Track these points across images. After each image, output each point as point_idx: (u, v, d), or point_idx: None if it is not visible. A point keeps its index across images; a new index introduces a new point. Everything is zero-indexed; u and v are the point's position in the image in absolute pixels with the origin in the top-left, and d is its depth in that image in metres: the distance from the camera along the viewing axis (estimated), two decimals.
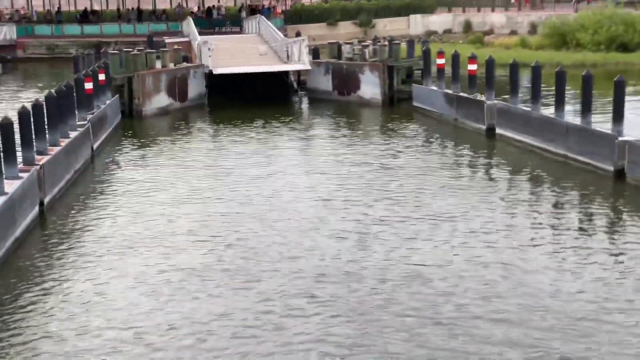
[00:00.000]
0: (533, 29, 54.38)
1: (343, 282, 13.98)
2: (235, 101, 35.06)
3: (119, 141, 27.51)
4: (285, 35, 41.98)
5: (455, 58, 28.38)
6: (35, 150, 19.64)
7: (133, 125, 30.52)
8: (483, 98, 26.71)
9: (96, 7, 61.63)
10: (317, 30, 58.20)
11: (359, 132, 28.53)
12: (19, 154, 18.52)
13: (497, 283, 13.70)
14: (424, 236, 16.43)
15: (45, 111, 20.60)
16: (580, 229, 16.62)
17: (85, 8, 59.78)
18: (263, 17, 46.96)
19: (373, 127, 29.73)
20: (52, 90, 21.75)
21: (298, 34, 49.35)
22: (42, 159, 19.29)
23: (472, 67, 27.37)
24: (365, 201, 19.17)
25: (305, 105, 34.99)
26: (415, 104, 31.55)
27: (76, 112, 23.95)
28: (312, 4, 65.38)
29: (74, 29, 56.39)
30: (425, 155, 24.20)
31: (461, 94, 28.06)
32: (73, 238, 16.93)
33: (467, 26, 57.16)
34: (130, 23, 56.89)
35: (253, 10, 56.98)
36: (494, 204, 18.55)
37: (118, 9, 60.72)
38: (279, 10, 59.90)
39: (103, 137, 26.46)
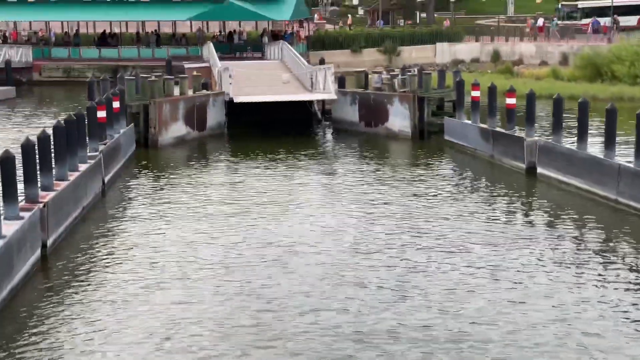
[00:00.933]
0: (564, 59, 52.60)
1: (383, 343, 12.23)
2: (256, 131, 33.40)
3: (132, 173, 25.88)
4: (308, 62, 40.50)
5: (492, 90, 26.61)
6: (40, 185, 18.01)
7: (148, 155, 28.89)
8: (522, 134, 24.91)
9: (116, 30, 60.47)
10: (340, 57, 56.67)
11: (388, 167, 26.76)
12: (21, 190, 16.90)
13: (559, 346, 11.85)
14: (466, 288, 14.73)
15: (52, 143, 19.06)
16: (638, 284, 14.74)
17: (104, 31, 58.57)
18: (286, 42, 45.45)
19: (402, 162, 27.97)
20: (61, 120, 20.15)
21: (322, 61, 47.82)
22: (47, 196, 17.63)
23: (511, 100, 25.59)
24: (396, 246, 17.50)
25: (329, 136, 33.27)
26: (446, 137, 29.77)
27: (87, 142, 22.35)
28: (336, 30, 63.88)
29: (91, 52, 55.13)
30: (459, 196, 22.42)
31: (498, 129, 26.25)
32: (77, 285, 15.25)
33: (496, 55, 55.46)
34: (149, 47, 55.59)
35: (275, 36, 55.56)
36: (538, 254, 16.77)
37: (137, 33, 59.48)
38: (302, 35, 58.43)
39: (116, 168, 24.83)
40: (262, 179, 24.90)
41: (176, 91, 31.87)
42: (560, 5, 70.86)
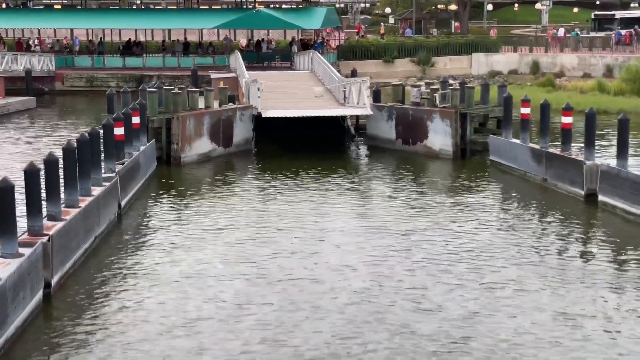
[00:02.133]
0: (609, 72, 50.06)
1: None
2: (285, 147, 31.35)
3: (152, 194, 23.87)
4: (338, 72, 38.42)
5: (545, 108, 24.31)
6: (46, 214, 16.05)
7: (170, 174, 26.89)
8: (580, 156, 22.60)
9: (141, 38, 58.80)
10: (372, 68, 54.47)
11: (427, 189, 24.59)
12: (22, 222, 14.94)
13: None
14: (531, 338, 12.83)
15: (62, 165, 17.12)
16: None
17: (129, 39, 56.81)
18: (317, 52, 43.36)
19: (443, 184, 25.75)
20: (73, 140, 18.16)
21: (354, 72, 45.65)
22: (53, 227, 15.64)
23: (567, 119, 23.30)
24: (438, 282, 15.69)
25: (363, 154, 31.06)
26: (492, 158, 27.48)
27: (102, 163, 20.37)
28: (368, 40, 61.62)
29: (115, 60, 53.33)
30: (508, 223, 20.31)
31: (552, 149, 23.93)
32: (84, 333, 13.24)
33: (535, 67, 52.97)
34: (174, 55, 53.75)
35: (305, 45, 53.51)
36: (600, 296, 14.63)
37: (163, 41, 57.72)
38: (333, 45, 56.28)
39: (134, 190, 22.84)
40: (291, 202, 22.95)
41: (201, 103, 29.88)
42: (593, 16, 68.16)
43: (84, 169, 18.31)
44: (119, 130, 22.02)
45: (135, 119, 24.35)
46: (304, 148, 30.97)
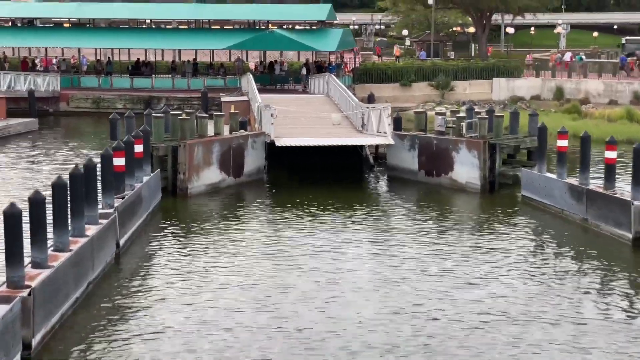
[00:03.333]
0: (636, 98, 47.94)
1: None
2: (299, 176, 29.38)
3: (155, 230, 21.83)
4: (354, 95, 36.47)
5: (585, 141, 22.23)
6: (30, 262, 14.07)
7: (176, 206, 24.89)
8: (627, 195, 20.48)
9: (151, 58, 57.15)
10: (389, 91, 52.56)
11: (453, 226, 22.57)
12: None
13: None
14: None
15: (52, 204, 15.16)
16: None
17: (138, 59, 55.13)
18: (332, 76, 41.43)
19: (470, 220, 23.66)
20: (64, 175, 16.18)
21: (372, 97, 43.90)
22: (37, 277, 13.63)
23: (612, 154, 21.22)
24: (467, 339, 13.69)
25: (383, 186, 29.00)
26: (524, 193, 25.37)
27: (99, 198, 18.36)
28: (384, 62, 59.78)
29: (123, 81, 51.56)
30: (545, 268, 18.35)
31: (593, 187, 21.81)
32: None
33: (559, 93, 50.86)
34: (184, 77, 51.96)
35: (319, 67, 51.65)
36: None
37: (173, 61, 55.98)
38: (349, 67, 54.38)
39: (135, 226, 20.83)
40: (305, 240, 21.03)
41: (210, 129, 27.92)
42: (624, 41, 66.12)
43: (77, 207, 16.33)
44: (119, 161, 20.03)
45: (138, 148, 22.37)
46: (319, 178, 29.00)
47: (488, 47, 72.30)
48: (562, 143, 23.30)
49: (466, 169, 26.83)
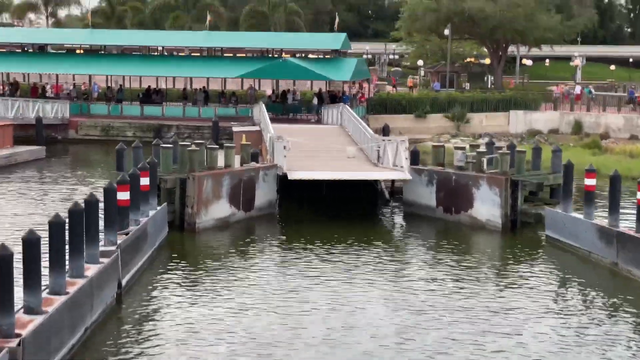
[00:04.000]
0: None
1: None
2: (311, 210, 28.33)
3: (161, 268, 20.73)
4: (368, 126, 35.45)
5: (616, 180, 21.07)
6: (23, 306, 13.00)
7: (183, 242, 23.83)
8: None
9: (162, 85, 56.45)
10: (403, 122, 51.55)
11: (473, 267, 21.43)
12: None
13: None
14: None
15: (49, 243, 14.14)
16: None
17: (149, 86, 54.39)
18: (346, 106, 40.46)
19: (491, 261, 22.51)
20: (62, 214, 15.12)
21: (386, 128, 42.88)
22: (29, 323, 12.54)
23: None
24: None
25: (399, 222, 27.85)
26: (548, 233, 24.17)
27: (101, 235, 17.30)
28: (399, 93, 58.85)
29: (133, 109, 50.73)
30: (574, 316, 17.09)
31: (624, 229, 20.60)
32: None
33: (577, 127, 49.75)
34: (195, 105, 51.12)
35: (333, 97, 50.72)
36: None
37: (184, 89, 55.24)
38: (364, 97, 53.43)
39: (140, 263, 19.74)
40: (318, 279, 20.02)
41: (220, 159, 26.89)
42: None
43: (76, 245, 15.28)
44: (123, 195, 18.99)
45: (144, 180, 21.34)
46: (332, 212, 27.93)
47: (510, 79, 71.37)
48: (590, 182, 22.13)
49: (487, 206, 25.68)
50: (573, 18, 67.56)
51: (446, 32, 60.91)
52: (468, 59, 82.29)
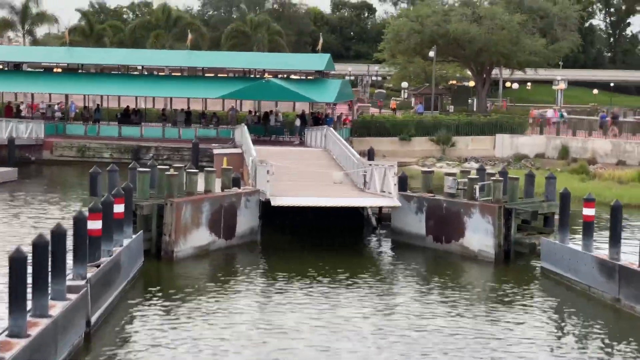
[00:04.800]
0: None
1: None
2: (295, 238, 27.16)
3: (135, 301, 19.36)
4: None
5: (616, 211, 20.01)
6: None
7: (160, 272, 22.51)
8: None
9: (142, 105, 55.06)
10: (387, 145, 50.55)
11: (464, 300, 20.38)
12: None
13: None
14: None
15: (9, 281, 12.83)
16: None
17: (127, 106, 53.03)
18: (331, 129, 39.35)
19: (484, 294, 21.38)
20: (23, 249, 13.77)
21: (372, 152, 41.78)
22: None
23: None
24: None
25: (387, 251, 26.66)
26: (543, 264, 23.07)
27: (68, 270, 15.96)
28: (384, 115, 57.89)
29: (110, 129, 49.30)
30: (571, 357, 15.86)
31: (626, 263, 19.51)
32: None
33: (564, 151, 48.88)
34: (175, 126, 49.79)
35: (316, 119, 49.62)
36: None
37: (164, 109, 53.94)
38: (349, 119, 52.33)
39: (111, 298, 18.36)
40: (301, 312, 18.92)
41: (200, 183, 25.61)
42: None
43: (40, 282, 13.95)
44: (95, 224, 17.64)
45: (119, 207, 20.01)
46: (317, 240, 26.79)
47: (503, 101, 70.65)
48: (589, 212, 21.06)
49: (479, 235, 24.56)
50: (557, 42, 66.93)
51: (431, 54, 60.09)
52: (451, 82, 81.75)
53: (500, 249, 24.19)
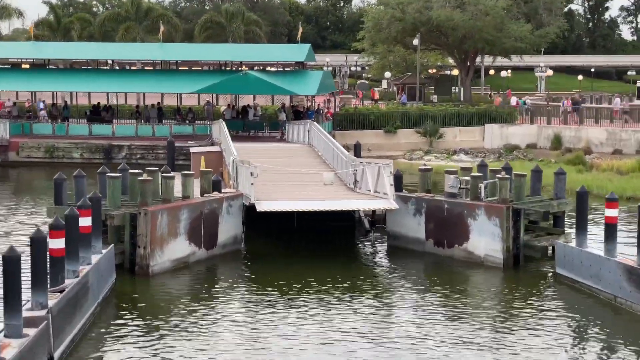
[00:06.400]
0: None
1: None
2: (281, 244, 24.97)
3: (105, 327, 17.03)
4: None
5: None
6: None
7: (134, 289, 20.18)
8: None
9: (113, 101, 52.37)
10: (372, 138, 48.30)
11: (470, 312, 18.44)
12: None
13: None
14: None
15: None
16: None
17: (98, 103, 50.29)
18: (315, 123, 37.02)
19: (492, 305, 19.32)
20: None
21: (358, 147, 39.49)
22: None
23: None
24: None
25: (383, 257, 24.43)
26: (559, 270, 20.97)
27: (26, 299, 13.60)
28: (367, 107, 55.58)
29: (80, 128, 46.50)
30: None
31: None
32: None
33: (557, 141, 46.85)
34: (149, 123, 47.18)
35: (297, 112, 47.24)
36: None
37: (137, 106, 51.28)
38: (331, 112, 49.93)
39: (78, 325, 16.00)
40: (289, 328, 17.09)
41: (178, 186, 23.25)
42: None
43: None
44: (56, 243, 15.29)
45: (85, 222, 17.62)
46: (305, 247, 24.73)
47: (496, 96, 68.66)
48: (612, 213, 18.95)
49: (485, 239, 22.40)
50: (542, 27, 64.86)
51: (415, 42, 57.83)
52: (431, 70, 79.58)
53: (510, 253, 22.07)
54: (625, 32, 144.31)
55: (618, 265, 18.33)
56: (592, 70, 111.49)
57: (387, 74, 72.51)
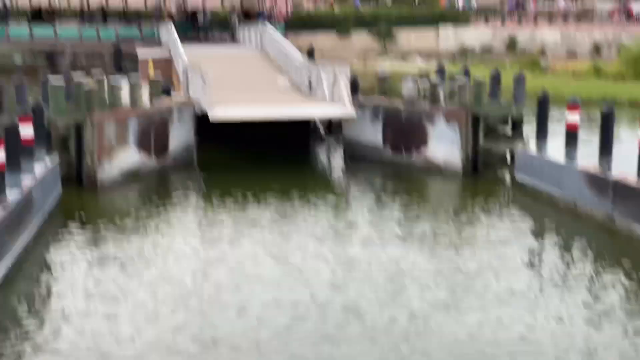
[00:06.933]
0: (596, 50, 43.85)
1: None
2: (235, 154, 24.26)
3: (50, 244, 16.23)
4: None
5: (608, 118, 17.52)
6: None
7: (81, 203, 19.32)
8: None
9: (55, 4, 49.93)
10: (324, 41, 47.13)
11: (428, 221, 17.96)
12: None
13: None
14: None
15: None
16: None
17: (40, 6, 47.96)
18: (269, 25, 35.73)
19: (451, 212, 19.01)
20: None
21: (311, 51, 38.41)
22: None
23: None
24: None
25: (338, 165, 23.93)
26: (518, 176, 20.65)
27: None
28: (319, 10, 54.13)
29: (20, 31, 44.49)
30: (555, 282, 13.91)
31: (621, 176, 17.13)
32: None
33: (512, 43, 46.34)
34: (93, 25, 45.13)
35: (247, 15, 45.61)
36: None
37: (81, 9, 49.07)
38: (282, 12, 48.36)
39: (21, 245, 15.20)
40: (247, 237, 16.54)
41: (125, 94, 22.17)
42: None
43: None
44: None
45: (27, 131, 16.66)
46: (259, 155, 23.96)
47: None
48: (573, 118, 18.58)
49: (444, 145, 21.96)
50: None
51: None
52: None
53: (469, 160, 21.69)
54: None
55: (580, 174, 17.99)
56: None
57: None
